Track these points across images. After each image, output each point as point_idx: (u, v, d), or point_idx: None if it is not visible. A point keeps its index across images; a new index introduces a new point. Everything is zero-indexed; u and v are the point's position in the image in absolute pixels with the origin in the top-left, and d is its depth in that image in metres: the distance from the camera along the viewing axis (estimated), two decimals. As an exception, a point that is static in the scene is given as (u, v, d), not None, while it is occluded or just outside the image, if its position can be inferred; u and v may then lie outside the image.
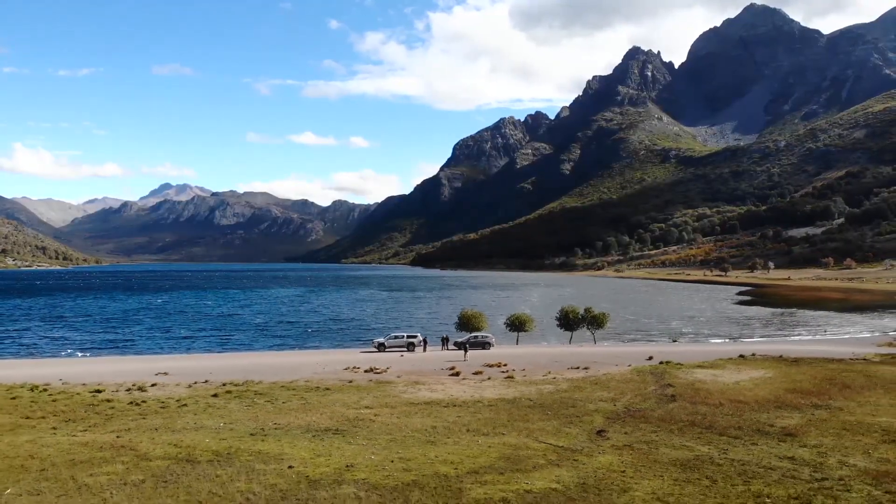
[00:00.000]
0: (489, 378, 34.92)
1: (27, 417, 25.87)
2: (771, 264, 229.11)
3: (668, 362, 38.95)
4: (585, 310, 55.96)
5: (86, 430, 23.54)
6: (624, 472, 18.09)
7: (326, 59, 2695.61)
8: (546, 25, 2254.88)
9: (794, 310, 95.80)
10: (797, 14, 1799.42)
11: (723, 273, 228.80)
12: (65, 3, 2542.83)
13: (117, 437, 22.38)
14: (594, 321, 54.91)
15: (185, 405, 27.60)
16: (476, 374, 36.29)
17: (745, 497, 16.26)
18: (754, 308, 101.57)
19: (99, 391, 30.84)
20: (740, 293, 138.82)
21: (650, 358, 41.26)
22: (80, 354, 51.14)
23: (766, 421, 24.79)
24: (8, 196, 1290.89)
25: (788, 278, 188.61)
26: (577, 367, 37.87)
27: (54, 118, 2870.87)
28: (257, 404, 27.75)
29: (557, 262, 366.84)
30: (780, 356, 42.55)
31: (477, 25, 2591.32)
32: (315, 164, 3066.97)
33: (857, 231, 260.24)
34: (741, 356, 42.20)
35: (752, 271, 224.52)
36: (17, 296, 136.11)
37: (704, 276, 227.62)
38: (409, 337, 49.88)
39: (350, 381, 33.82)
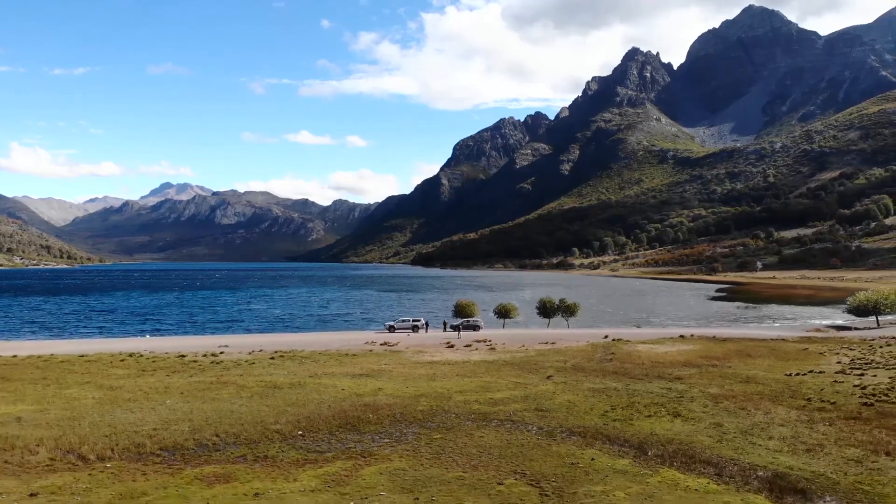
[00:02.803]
0: (476, 349, 45.22)
1: (143, 370, 36.11)
2: (759, 264, 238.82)
3: (619, 339, 49.16)
4: (560, 300, 66.34)
5: (192, 376, 33.79)
6: (554, 392, 28.38)
7: (321, 58, 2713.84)
8: (540, 25, 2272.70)
9: (760, 305, 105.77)
10: (792, 12, 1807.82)
11: (711, 272, 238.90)
12: (60, 2, 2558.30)
13: (217, 378, 32.66)
14: (567, 310, 65.30)
15: (253, 363, 37.91)
16: (466, 346, 46.58)
17: (624, 402, 26.47)
18: (725, 303, 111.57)
19: (183, 356, 41.13)
20: (718, 290, 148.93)
21: (606, 336, 51.50)
22: (148, 335, 61.29)
23: (669, 373, 34.93)
24: (8, 195, 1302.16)
25: (773, 277, 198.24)
26: (546, 343, 48.14)
27: (50, 117, 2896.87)
28: (306, 363, 38.07)
29: (555, 261, 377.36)
30: (714, 336, 52.65)
31: (470, 25, 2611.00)
32: (312, 164, 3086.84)
33: (846, 232, 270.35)
34: (681, 336, 52.34)
35: (741, 271, 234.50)
36: (49, 294, 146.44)
37: (693, 275, 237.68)
38: (413, 320, 60.14)
39: (370, 350, 44.17)
